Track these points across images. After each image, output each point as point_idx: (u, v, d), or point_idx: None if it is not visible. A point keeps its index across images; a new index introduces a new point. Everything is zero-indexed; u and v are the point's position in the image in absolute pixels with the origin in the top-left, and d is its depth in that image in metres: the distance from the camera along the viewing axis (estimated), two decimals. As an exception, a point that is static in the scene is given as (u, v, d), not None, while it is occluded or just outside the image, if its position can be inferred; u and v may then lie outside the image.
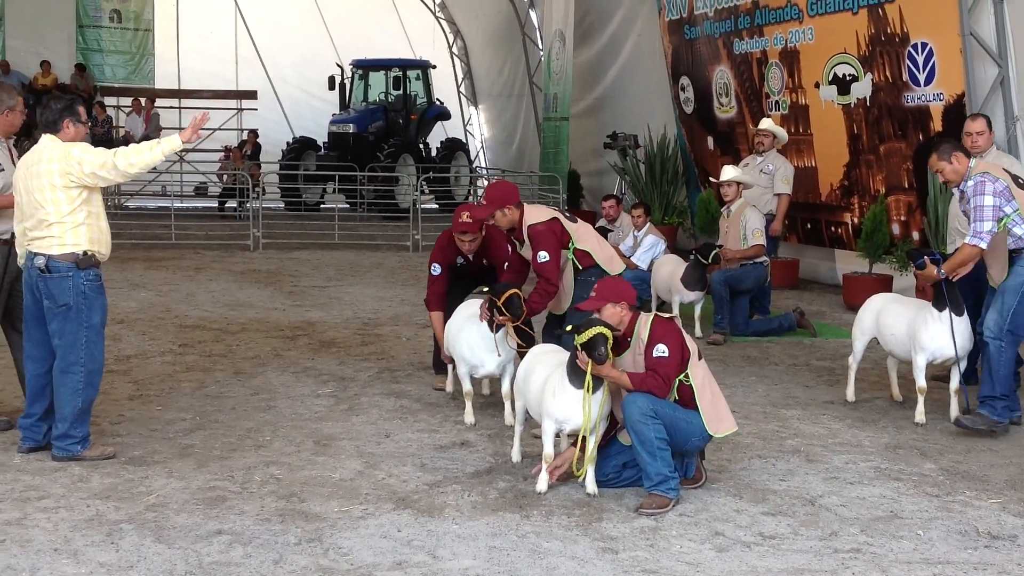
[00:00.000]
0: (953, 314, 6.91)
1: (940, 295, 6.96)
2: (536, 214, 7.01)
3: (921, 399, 7.12)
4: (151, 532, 4.94)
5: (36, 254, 5.88)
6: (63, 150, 5.87)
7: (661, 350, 5.43)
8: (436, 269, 7.62)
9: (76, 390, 5.95)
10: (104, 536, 4.89)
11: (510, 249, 7.27)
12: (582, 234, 7.07)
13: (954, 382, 7.09)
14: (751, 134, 12.86)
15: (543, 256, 6.83)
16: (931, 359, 7.07)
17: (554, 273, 6.85)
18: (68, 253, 5.85)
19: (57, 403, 5.98)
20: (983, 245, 6.81)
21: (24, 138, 9.47)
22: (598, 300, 5.64)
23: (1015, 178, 6.87)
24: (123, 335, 9.48)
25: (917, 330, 7.08)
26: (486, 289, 6.96)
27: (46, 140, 5.97)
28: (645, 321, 5.59)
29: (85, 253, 5.90)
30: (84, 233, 5.89)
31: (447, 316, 7.38)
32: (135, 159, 5.93)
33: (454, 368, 7.39)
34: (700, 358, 5.60)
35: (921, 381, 7.09)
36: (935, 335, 6.99)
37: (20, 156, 6.38)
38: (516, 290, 6.66)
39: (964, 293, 7.05)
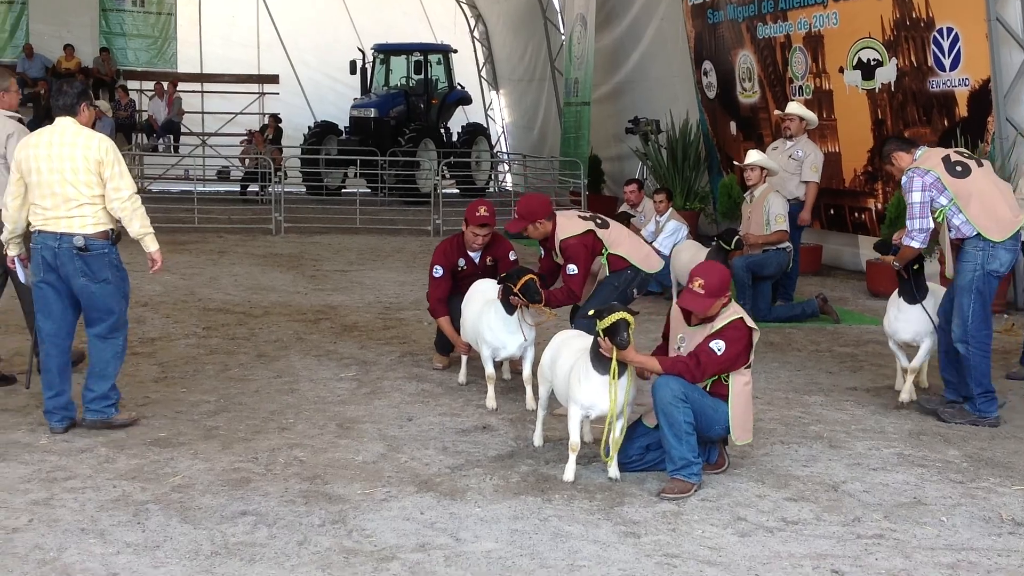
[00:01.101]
0: (905, 302, 7.30)
1: (904, 286, 7.34)
2: (569, 226, 7.01)
3: (908, 379, 7.33)
4: (176, 512, 4.98)
5: (70, 234, 6.02)
6: (99, 140, 6.09)
7: (718, 346, 5.39)
8: (438, 271, 7.69)
9: (117, 353, 6.27)
10: (130, 516, 4.93)
11: (542, 253, 7.37)
12: (615, 239, 7.09)
13: (908, 362, 7.38)
14: (775, 119, 12.80)
15: (572, 269, 6.92)
16: (900, 343, 7.49)
17: (579, 286, 6.93)
18: (102, 231, 6.09)
19: (98, 367, 6.21)
20: (916, 244, 6.85)
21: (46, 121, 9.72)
22: (702, 295, 5.54)
23: (953, 164, 6.78)
24: (147, 318, 9.54)
25: (889, 320, 7.49)
26: (503, 276, 6.98)
27: (68, 123, 6.11)
28: (729, 315, 5.51)
29: (112, 230, 6.16)
30: (104, 212, 6.11)
31: (453, 312, 7.54)
32: (141, 218, 6.18)
33: (467, 359, 7.50)
34: (749, 367, 5.56)
35: (903, 363, 7.46)
36: (895, 321, 7.43)
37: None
38: (531, 275, 6.69)
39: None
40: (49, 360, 6.21)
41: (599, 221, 7.16)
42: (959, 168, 6.78)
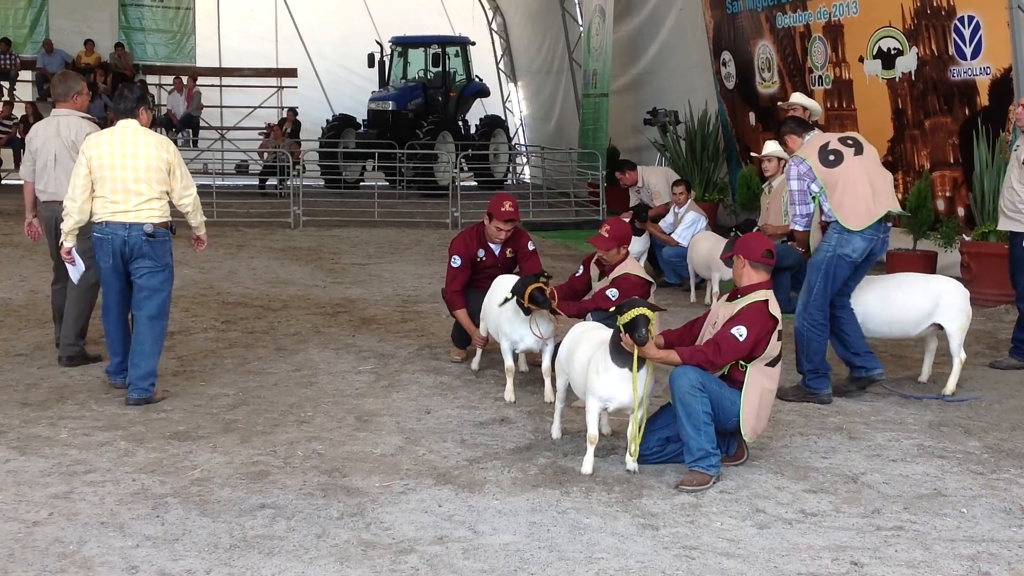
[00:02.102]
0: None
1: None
2: (637, 268, 7.23)
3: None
4: (196, 506, 5.00)
5: (139, 224, 6.64)
6: (164, 140, 6.84)
7: (740, 332, 5.39)
8: (456, 261, 7.68)
9: (162, 335, 6.91)
10: (150, 509, 4.95)
11: (580, 271, 7.53)
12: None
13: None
14: (781, 110, 12.74)
15: (612, 293, 6.93)
16: None
17: (605, 306, 6.84)
18: (164, 222, 6.75)
19: (145, 346, 6.73)
20: (800, 228, 7.25)
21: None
22: (736, 250, 5.76)
23: (827, 153, 7.05)
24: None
25: None
26: (512, 292, 6.94)
27: (132, 125, 6.73)
28: (755, 297, 5.56)
29: (171, 222, 6.85)
30: (167, 206, 6.80)
31: (471, 306, 7.61)
32: (200, 212, 7.06)
33: (483, 350, 7.56)
34: (773, 365, 5.56)
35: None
36: None
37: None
38: (537, 284, 6.64)
39: None
40: (114, 330, 6.94)
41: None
42: (832, 157, 7.05)
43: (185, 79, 23.90)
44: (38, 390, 6.97)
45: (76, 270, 7.02)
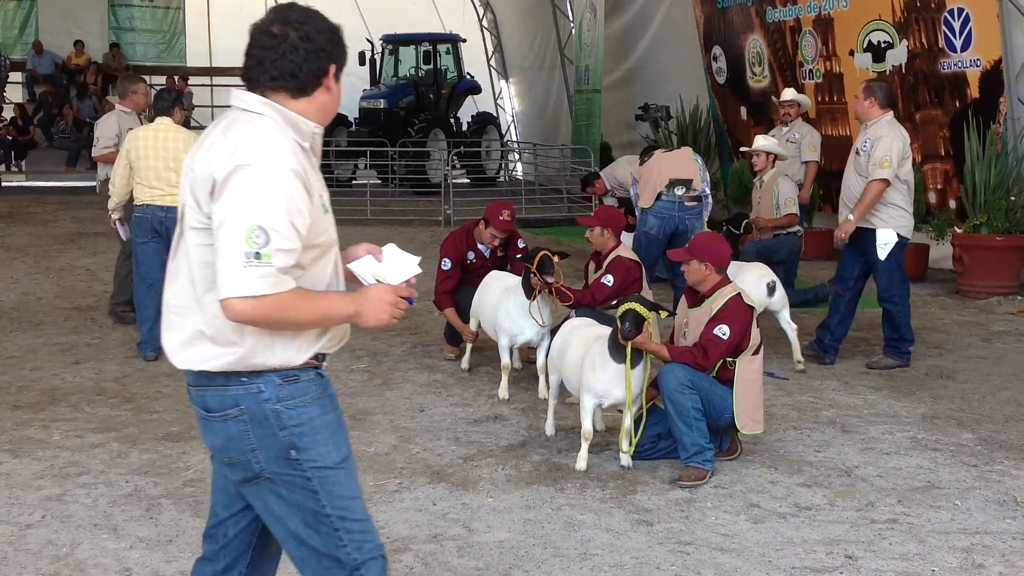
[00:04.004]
0: None
1: None
2: (627, 252, 7.29)
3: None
4: (189, 507, 4.99)
5: (174, 206, 7.37)
6: (192, 136, 7.77)
7: (722, 331, 5.40)
8: (447, 264, 7.70)
9: None
10: (143, 511, 4.94)
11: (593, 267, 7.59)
12: None
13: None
14: (775, 106, 12.74)
15: (608, 280, 6.96)
16: None
17: (602, 297, 6.89)
18: None
19: None
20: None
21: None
22: (687, 253, 5.68)
23: (646, 152, 8.89)
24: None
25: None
26: (519, 256, 7.05)
27: (167, 122, 7.89)
28: (727, 293, 5.54)
29: None
30: None
31: (460, 302, 7.63)
32: None
33: (470, 345, 7.57)
34: (757, 353, 5.55)
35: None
36: None
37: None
38: (545, 251, 6.69)
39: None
40: (147, 302, 7.71)
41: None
42: (648, 155, 8.90)
43: (176, 79, 23.84)
44: (30, 392, 6.96)
45: (124, 231, 8.48)
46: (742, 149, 12.28)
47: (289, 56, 2.83)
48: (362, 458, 5.71)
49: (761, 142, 10.11)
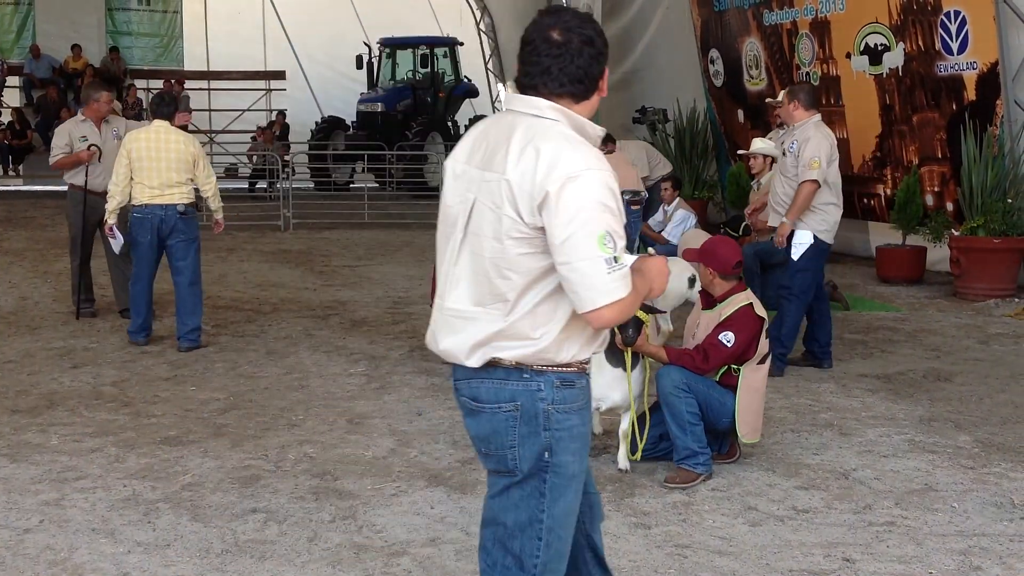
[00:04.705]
0: None
1: None
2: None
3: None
4: (187, 511, 4.99)
5: (173, 204, 8.14)
6: (194, 144, 8.36)
7: (727, 338, 5.37)
8: None
9: (200, 296, 8.41)
10: (141, 515, 4.94)
11: None
12: None
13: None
14: (771, 108, 12.76)
15: None
16: None
17: None
18: (192, 202, 8.31)
19: (189, 307, 8.26)
20: None
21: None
22: (698, 255, 5.64)
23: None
24: (157, 316, 9.55)
25: None
26: None
27: (165, 125, 8.24)
28: (739, 301, 5.51)
29: (195, 202, 8.40)
30: (192, 191, 8.31)
31: None
32: (219, 198, 8.64)
33: None
34: (763, 363, 5.54)
35: None
36: None
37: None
38: None
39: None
40: (141, 296, 8.33)
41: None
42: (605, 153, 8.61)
43: (173, 83, 23.84)
44: (28, 397, 6.95)
45: (117, 243, 8.61)
46: (739, 152, 12.30)
47: (576, 61, 2.91)
48: (360, 462, 5.71)
49: (758, 145, 10.13)
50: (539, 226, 2.79)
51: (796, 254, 7.54)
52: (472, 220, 2.91)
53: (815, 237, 7.53)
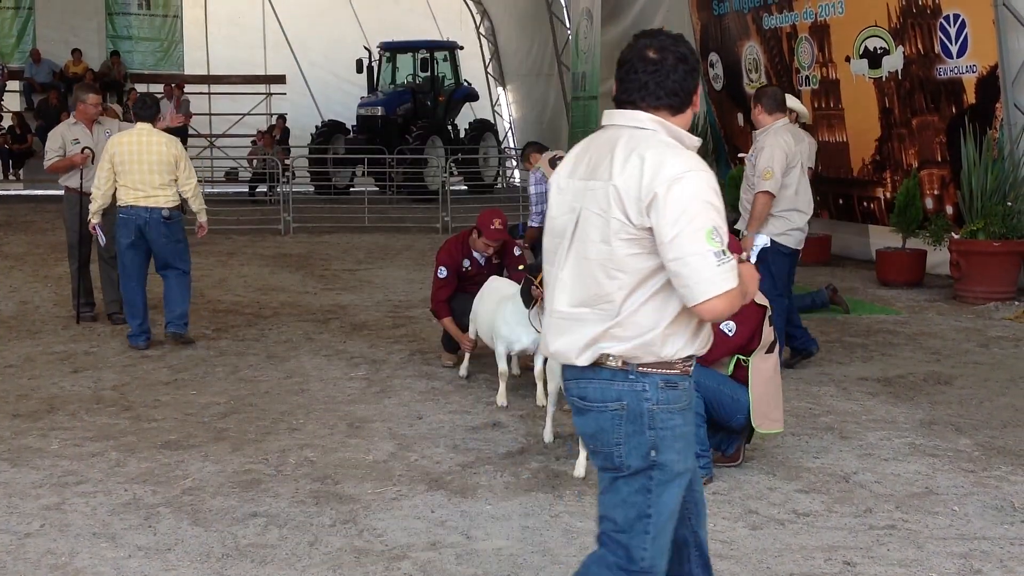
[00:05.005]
0: None
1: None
2: None
3: None
4: (188, 515, 4.99)
5: (157, 207, 8.26)
6: (173, 140, 8.44)
7: (729, 327, 5.35)
8: (443, 272, 7.71)
9: (189, 285, 8.63)
10: (142, 520, 4.94)
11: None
12: None
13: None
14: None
15: None
16: None
17: None
18: (177, 205, 8.40)
19: (177, 300, 8.46)
20: (535, 224, 9.48)
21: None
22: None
23: (553, 161, 8.85)
24: (156, 320, 9.54)
25: None
26: (521, 267, 7.08)
27: (148, 128, 8.35)
28: None
29: (181, 205, 8.47)
30: (177, 193, 8.38)
31: (458, 309, 7.64)
32: (201, 199, 8.68)
33: (471, 355, 7.59)
34: (770, 352, 5.51)
35: None
36: None
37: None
38: None
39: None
40: (135, 298, 8.41)
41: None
42: (558, 161, 8.45)
43: (173, 87, 23.86)
44: (28, 401, 6.96)
45: (102, 235, 8.64)
46: (740, 155, 12.30)
47: (671, 76, 3.14)
48: (360, 466, 5.71)
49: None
50: (647, 227, 2.98)
51: (752, 257, 7.58)
52: (579, 228, 3.12)
53: (772, 241, 7.52)
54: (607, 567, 3.18)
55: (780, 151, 7.44)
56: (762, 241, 7.47)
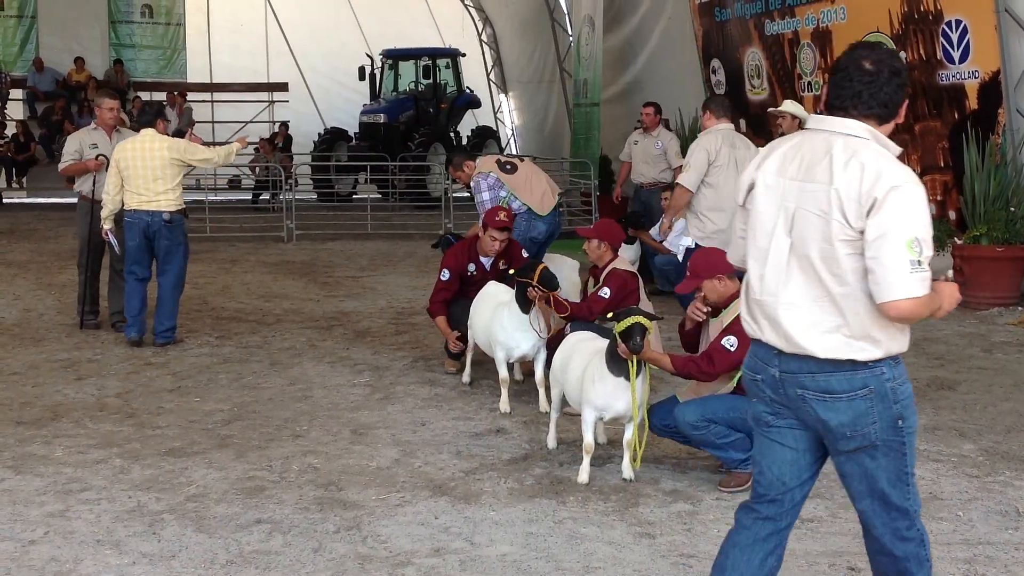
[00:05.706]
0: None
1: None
2: (624, 264, 7.29)
3: None
4: (192, 522, 5.00)
5: (159, 211, 8.52)
6: (172, 142, 8.66)
7: (730, 343, 5.32)
8: (446, 275, 7.71)
9: (178, 299, 8.85)
10: (146, 527, 4.95)
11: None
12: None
13: None
14: (772, 117, 12.75)
15: (605, 292, 6.95)
16: None
17: (599, 309, 6.88)
18: (179, 209, 8.67)
19: (169, 307, 8.75)
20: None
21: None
22: (694, 279, 5.60)
23: (503, 164, 8.75)
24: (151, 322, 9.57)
25: None
26: (512, 272, 7.06)
27: (151, 133, 8.62)
28: (739, 307, 5.50)
29: (184, 209, 8.76)
30: (181, 196, 8.69)
31: (458, 314, 7.62)
32: (226, 156, 9.13)
33: (470, 357, 7.58)
34: None
35: None
36: None
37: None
38: (543, 264, 6.75)
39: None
40: (135, 294, 8.71)
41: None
42: (508, 166, 8.75)
43: (176, 95, 23.89)
44: (32, 408, 6.96)
45: (116, 241, 8.85)
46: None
47: (884, 88, 3.36)
48: (364, 472, 5.72)
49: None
50: (862, 229, 3.21)
51: (679, 257, 8.00)
52: (796, 225, 3.33)
53: (697, 245, 7.85)
54: (900, 539, 3.48)
55: (702, 151, 7.97)
56: (687, 242, 7.87)
